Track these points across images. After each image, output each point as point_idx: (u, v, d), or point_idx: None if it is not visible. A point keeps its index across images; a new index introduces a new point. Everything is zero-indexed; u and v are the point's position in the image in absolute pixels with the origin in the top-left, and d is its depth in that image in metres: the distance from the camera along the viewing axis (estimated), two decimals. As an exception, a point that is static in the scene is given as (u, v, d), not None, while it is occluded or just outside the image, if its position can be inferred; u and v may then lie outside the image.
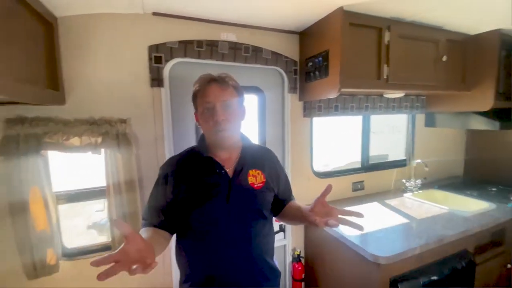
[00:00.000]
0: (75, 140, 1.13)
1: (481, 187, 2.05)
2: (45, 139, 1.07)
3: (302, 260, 1.71)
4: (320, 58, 1.39)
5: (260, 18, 1.39)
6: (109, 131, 1.18)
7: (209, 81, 0.84)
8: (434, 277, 1.23)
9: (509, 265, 1.56)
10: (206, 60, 1.38)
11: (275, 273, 0.96)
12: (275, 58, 1.53)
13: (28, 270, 1.11)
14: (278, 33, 1.54)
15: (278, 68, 1.56)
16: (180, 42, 1.32)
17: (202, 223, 0.84)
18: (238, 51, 1.43)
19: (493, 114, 1.77)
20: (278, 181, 0.98)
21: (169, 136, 1.36)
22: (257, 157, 0.95)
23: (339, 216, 0.75)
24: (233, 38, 1.43)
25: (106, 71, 1.21)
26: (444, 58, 1.53)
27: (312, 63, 1.47)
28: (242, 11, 1.30)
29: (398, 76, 1.41)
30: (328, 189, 0.78)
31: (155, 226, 0.86)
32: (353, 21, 1.27)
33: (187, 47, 1.33)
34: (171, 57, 1.31)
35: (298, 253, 1.69)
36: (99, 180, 1.27)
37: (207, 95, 0.82)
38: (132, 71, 1.26)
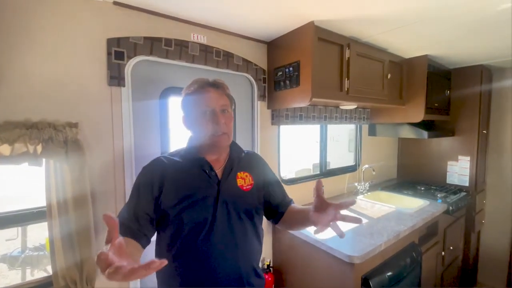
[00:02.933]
0: (4, 148, 0.87)
1: (413, 187, 2.41)
2: (-42, 147, 0.80)
3: (272, 270, 1.68)
4: (291, 68, 1.44)
5: (232, 23, 1.36)
6: (53, 137, 0.95)
7: (207, 85, 0.83)
8: (395, 269, 1.36)
9: (443, 253, 1.85)
10: (174, 61, 1.27)
11: (261, 281, 0.94)
12: (246, 65, 1.52)
13: None
14: (248, 41, 1.54)
15: (248, 76, 1.55)
16: (146, 38, 1.18)
17: (190, 227, 0.79)
18: (209, 54, 1.37)
19: (421, 125, 2.13)
20: (267, 185, 0.98)
21: (130, 143, 1.18)
22: (244, 160, 0.96)
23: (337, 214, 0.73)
24: (204, 40, 1.36)
25: (50, 63, 0.99)
26: (389, 76, 1.78)
27: (281, 72, 1.51)
28: (213, 13, 1.24)
29: (356, 89, 1.57)
30: (318, 185, 0.76)
31: (132, 235, 0.75)
32: (321, 36, 1.37)
33: (153, 44, 1.20)
34: (135, 54, 1.16)
35: (268, 263, 1.66)
36: (34, 198, 1.00)
37: (206, 100, 0.82)
38: (85, 65, 1.06)
